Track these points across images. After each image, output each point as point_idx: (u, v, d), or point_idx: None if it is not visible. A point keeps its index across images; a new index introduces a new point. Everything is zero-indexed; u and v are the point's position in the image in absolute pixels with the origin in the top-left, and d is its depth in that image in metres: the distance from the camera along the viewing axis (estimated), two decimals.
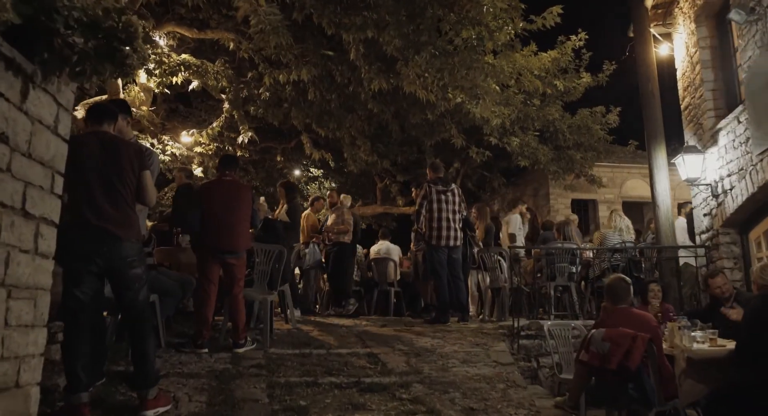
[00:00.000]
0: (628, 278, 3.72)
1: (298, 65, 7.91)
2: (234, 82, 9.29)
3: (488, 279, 6.72)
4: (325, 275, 8.10)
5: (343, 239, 7.37)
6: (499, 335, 5.58)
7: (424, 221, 6.28)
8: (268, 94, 9.02)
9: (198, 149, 10.66)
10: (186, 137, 10.59)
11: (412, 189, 7.73)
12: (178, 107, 12.54)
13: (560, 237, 6.52)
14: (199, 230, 4.47)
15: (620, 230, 6.28)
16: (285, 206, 6.89)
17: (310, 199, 8.30)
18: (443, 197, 6.27)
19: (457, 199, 6.36)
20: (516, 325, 5.47)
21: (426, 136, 10.52)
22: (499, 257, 6.55)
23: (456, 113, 9.27)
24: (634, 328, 3.41)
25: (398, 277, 8.24)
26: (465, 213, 6.49)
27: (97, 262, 2.95)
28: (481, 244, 6.81)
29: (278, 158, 13.59)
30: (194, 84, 9.10)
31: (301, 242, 7.43)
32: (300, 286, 7.72)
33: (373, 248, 8.55)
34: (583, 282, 6.74)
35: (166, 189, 15.49)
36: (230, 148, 11.69)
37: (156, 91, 9.46)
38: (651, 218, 6.92)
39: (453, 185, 6.43)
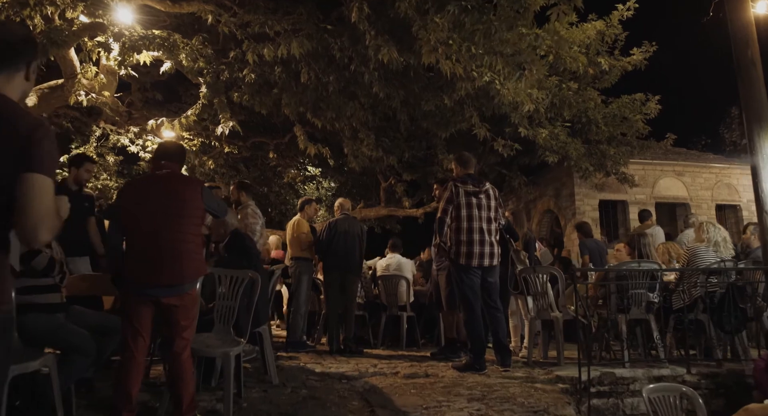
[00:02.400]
0: None
1: (287, 38, 6.40)
2: (213, 62, 7.77)
3: (530, 306, 5.14)
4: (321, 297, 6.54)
5: None
6: (558, 391, 4.03)
7: (449, 233, 4.72)
8: (253, 76, 7.49)
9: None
10: (168, 131, 9.06)
11: (434, 186, 6.08)
12: (155, 96, 11.03)
13: (632, 254, 4.94)
14: (121, 255, 2.93)
15: (716, 244, 4.69)
16: None
17: (299, 202, 6.70)
18: (474, 200, 4.69)
19: (492, 203, 4.78)
20: (586, 378, 3.92)
21: (440, 127, 8.94)
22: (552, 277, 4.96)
23: (479, 97, 7.70)
24: None
25: (411, 299, 6.64)
26: (504, 221, 4.91)
27: None
28: (527, 261, 5.20)
29: (271, 155, 12.13)
30: (166, 66, 7.59)
31: (290, 257, 5.89)
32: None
33: (381, 263, 6.93)
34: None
35: None
36: (217, 144, 10.37)
37: (121, 73, 7.94)
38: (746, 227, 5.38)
39: (487, 185, 4.84)
